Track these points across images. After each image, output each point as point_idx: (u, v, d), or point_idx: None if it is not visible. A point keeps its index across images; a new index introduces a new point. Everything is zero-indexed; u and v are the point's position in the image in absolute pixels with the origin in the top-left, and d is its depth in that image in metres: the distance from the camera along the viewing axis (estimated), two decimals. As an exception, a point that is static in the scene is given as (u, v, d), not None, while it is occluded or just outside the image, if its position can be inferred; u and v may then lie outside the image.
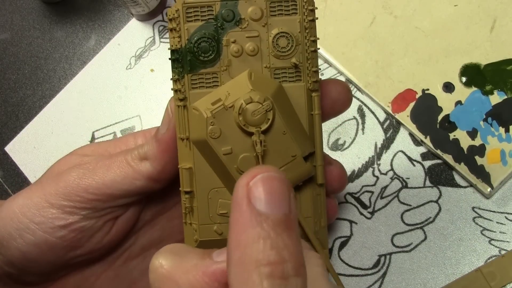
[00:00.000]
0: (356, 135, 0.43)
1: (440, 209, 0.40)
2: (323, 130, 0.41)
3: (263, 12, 0.28)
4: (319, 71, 0.41)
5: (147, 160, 0.31)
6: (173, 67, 0.29)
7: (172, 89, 0.29)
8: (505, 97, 0.41)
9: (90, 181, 0.31)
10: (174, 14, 0.28)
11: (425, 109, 0.41)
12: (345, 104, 0.33)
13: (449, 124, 0.41)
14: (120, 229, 0.33)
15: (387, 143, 0.42)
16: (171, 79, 0.29)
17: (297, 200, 0.29)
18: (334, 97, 0.32)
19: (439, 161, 0.41)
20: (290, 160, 0.28)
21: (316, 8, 0.29)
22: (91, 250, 0.32)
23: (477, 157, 0.40)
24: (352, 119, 0.43)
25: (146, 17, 0.49)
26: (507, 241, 0.39)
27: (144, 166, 0.31)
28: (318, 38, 0.29)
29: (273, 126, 0.28)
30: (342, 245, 0.41)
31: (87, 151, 0.35)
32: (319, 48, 0.30)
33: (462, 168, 0.40)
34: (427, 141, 0.41)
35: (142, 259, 0.37)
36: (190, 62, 0.28)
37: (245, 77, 0.28)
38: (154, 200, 0.36)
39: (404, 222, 0.40)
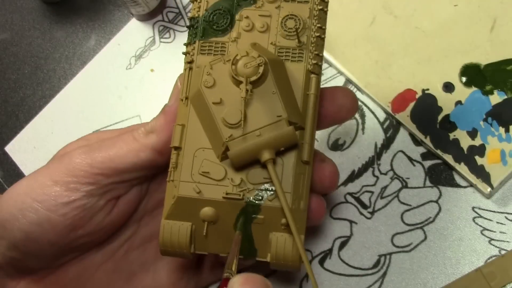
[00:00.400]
0: (356, 135, 0.43)
1: (440, 209, 0.40)
2: (324, 131, 0.41)
3: None
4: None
5: (153, 133, 0.32)
6: (188, 33, 0.31)
7: (183, 53, 0.31)
8: (505, 97, 0.41)
9: (95, 156, 0.32)
10: None
11: (425, 109, 0.42)
12: (350, 111, 0.34)
13: (449, 124, 0.41)
14: (121, 210, 0.33)
15: (387, 143, 0.42)
16: (184, 44, 0.31)
17: (279, 168, 0.29)
18: (340, 103, 0.33)
19: (439, 161, 0.41)
20: (275, 120, 0.28)
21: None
22: (92, 231, 0.33)
23: (477, 157, 0.40)
24: (352, 119, 0.43)
25: (146, 17, 0.49)
26: (507, 241, 0.39)
27: (149, 139, 0.32)
28: (324, 29, 0.31)
29: (263, 83, 0.29)
30: (342, 245, 0.41)
31: (94, 136, 0.35)
32: (324, 37, 0.31)
33: (462, 168, 0.40)
34: (427, 141, 0.41)
35: (143, 250, 0.37)
36: (203, 30, 0.31)
37: (248, 46, 0.30)
38: (157, 190, 0.36)
39: (404, 222, 0.40)
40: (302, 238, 0.29)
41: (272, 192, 0.29)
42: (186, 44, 0.31)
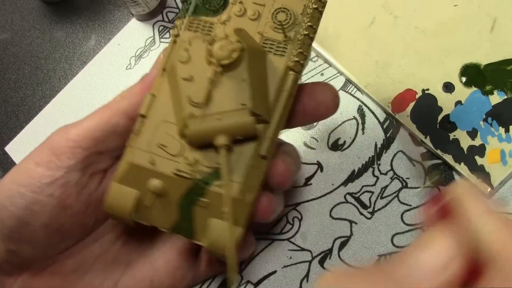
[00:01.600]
0: (356, 135, 0.43)
1: (440, 209, 0.40)
2: (324, 131, 0.40)
3: None
4: (320, 71, 0.41)
5: (125, 98, 0.32)
6: (181, 7, 0.31)
7: (171, 27, 0.31)
8: (505, 97, 0.41)
9: (71, 130, 0.32)
10: None
11: (425, 109, 0.42)
12: (329, 108, 0.33)
13: (449, 124, 0.41)
14: (107, 187, 0.33)
15: (387, 143, 0.42)
16: (174, 17, 0.32)
17: (234, 156, 0.29)
18: (319, 99, 0.32)
19: (439, 161, 0.41)
20: (238, 107, 0.28)
21: (325, 1, 0.31)
22: (82, 209, 0.33)
23: (477, 157, 0.40)
24: (352, 119, 0.43)
25: (146, 17, 0.49)
26: (507, 241, 0.39)
27: (121, 103, 0.32)
28: (315, 29, 0.30)
29: (236, 68, 0.28)
30: (342, 245, 0.41)
31: None
32: (313, 37, 0.30)
33: (462, 168, 0.40)
34: (427, 141, 0.41)
35: (140, 239, 0.37)
36: (196, 6, 0.31)
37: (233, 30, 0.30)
38: None
39: (404, 222, 0.40)
40: (240, 231, 0.29)
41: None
42: (177, 18, 0.31)
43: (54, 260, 0.35)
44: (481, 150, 0.40)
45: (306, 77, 0.45)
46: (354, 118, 0.44)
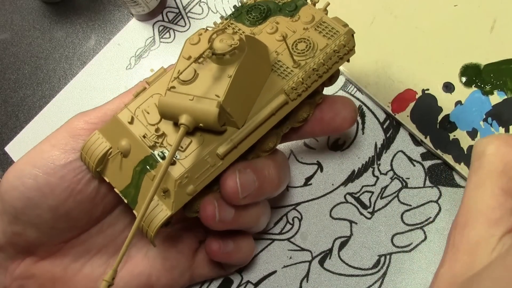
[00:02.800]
0: (356, 135, 0.43)
1: (440, 209, 0.40)
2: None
3: (312, 22, 0.32)
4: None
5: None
6: (233, 11, 0.34)
7: (214, 22, 0.34)
8: (505, 97, 0.41)
9: (90, 113, 0.33)
10: None
11: (425, 109, 0.42)
12: (346, 121, 0.33)
13: (449, 124, 0.41)
14: None
15: (387, 143, 0.42)
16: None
17: (195, 143, 0.29)
18: (337, 110, 0.33)
19: (439, 161, 0.41)
20: (210, 97, 0.28)
21: (351, 54, 0.32)
22: (89, 197, 0.33)
23: (477, 157, 0.40)
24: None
25: (146, 17, 0.49)
26: (507, 241, 0.39)
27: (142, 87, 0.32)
28: (328, 69, 0.31)
29: (229, 64, 0.29)
30: (342, 245, 0.41)
31: None
32: (322, 76, 0.31)
33: (462, 168, 0.40)
34: (427, 141, 0.41)
35: (140, 234, 0.37)
36: (240, 13, 0.33)
37: (245, 32, 0.32)
38: None
39: (404, 222, 0.40)
40: (166, 214, 0.29)
41: (176, 158, 0.29)
42: (222, 17, 0.33)
43: (58, 248, 0.35)
44: (481, 150, 0.40)
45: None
46: (358, 113, 0.43)
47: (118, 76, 0.49)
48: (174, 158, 0.29)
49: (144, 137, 0.30)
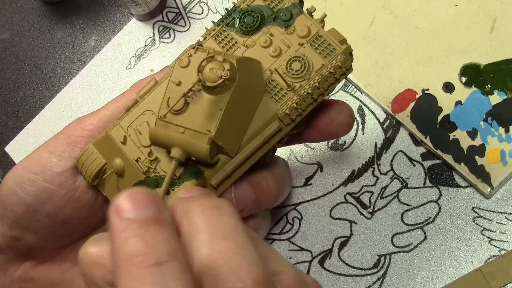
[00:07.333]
0: (356, 135, 0.43)
1: (440, 209, 0.40)
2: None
3: (307, 36, 0.30)
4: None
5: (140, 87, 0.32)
6: (223, 15, 0.32)
7: (206, 28, 0.32)
8: (505, 97, 0.41)
9: (86, 119, 0.33)
10: None
11: (425, 109, 0.42)
12: (342, 126, 0.32)
13: (449, 124, 0.41)
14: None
15: (387, 143, 0.42)
16: (212, 21, 0.32)
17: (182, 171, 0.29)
18: (333, 116, 0.32)
19: (439, 161, 0.41)
20: (201, 131, 0.28)
21: (348, 73, 0.30)
22: (87, 204, 0.33)
23: (477, 157, 0.40)
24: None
25: (146, 17, 0.49)
26: (507, 241, 0.39)
27: (136, 91, 0.32)
28: (323, 92, 0.29)
29: (219, 93, 0.28)
30: (342, 245, 0.41)
31: None
32: (316, 99, 0.29)
33: (462, 168, 0.40)
34: (427, 141, 0.41)
35: None
36: (232, 20, 0.31)
37: (240, 55, 0.30)
38: None
39: (404, 222, 0.40)
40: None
41: (170, 188, 0.29)
42: (213, 22, 0.31)
43: (57, 253, 0.35)
44: (481, 150, 0.40)
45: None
46: (354, 118, 0.44)
47: (118, 76, 0.49)
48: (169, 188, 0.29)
49: (137, 161, 0.30)
